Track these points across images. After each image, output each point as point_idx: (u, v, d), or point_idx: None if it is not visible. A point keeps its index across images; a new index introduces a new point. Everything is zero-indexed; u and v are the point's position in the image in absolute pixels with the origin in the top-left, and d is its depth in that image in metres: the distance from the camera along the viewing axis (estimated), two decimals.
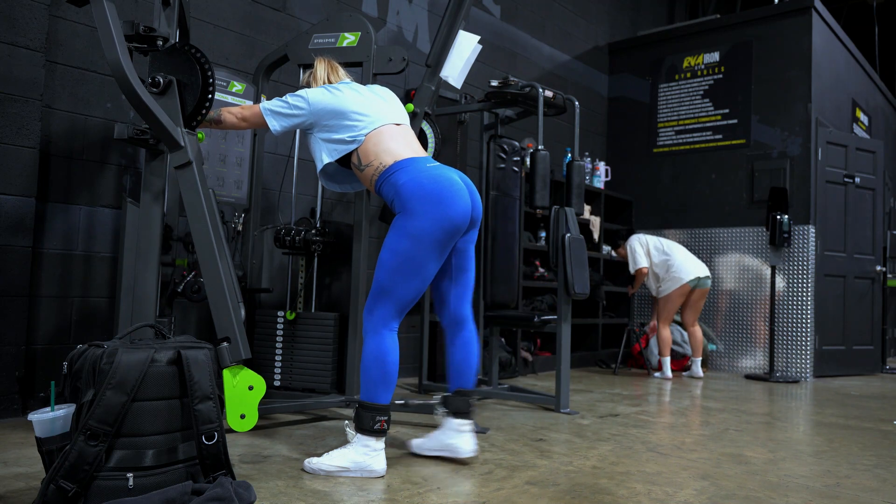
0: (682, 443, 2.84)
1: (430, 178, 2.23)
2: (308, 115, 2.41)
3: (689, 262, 5.19)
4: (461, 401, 2.40)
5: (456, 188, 2.24)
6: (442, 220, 2.19)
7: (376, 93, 2.51)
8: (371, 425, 2.19)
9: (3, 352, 2.80)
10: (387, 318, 2.26)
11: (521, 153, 4.08)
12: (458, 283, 2.44)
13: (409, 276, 2.22)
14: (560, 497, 2.01)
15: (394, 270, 2.22)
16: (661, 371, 5.21)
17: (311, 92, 2.43)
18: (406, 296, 2.25)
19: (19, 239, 2.86)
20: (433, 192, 2.20)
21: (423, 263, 2.22)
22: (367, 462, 2.17)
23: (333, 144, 2.40)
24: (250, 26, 3.83)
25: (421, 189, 2.21)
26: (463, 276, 2.44)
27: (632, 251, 5.36)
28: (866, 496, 2.14)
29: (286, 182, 3.77)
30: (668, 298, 5.20)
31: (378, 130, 2.37)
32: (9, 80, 2.83)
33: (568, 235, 3.47)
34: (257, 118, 2.44)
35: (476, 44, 3.15)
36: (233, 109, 2.45)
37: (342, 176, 2.62)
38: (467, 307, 2.46)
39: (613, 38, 6.96)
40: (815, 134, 5.62)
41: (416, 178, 2.23)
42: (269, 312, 3.35)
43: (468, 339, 2.45)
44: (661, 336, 5.19)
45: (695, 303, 5.25)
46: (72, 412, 1.66)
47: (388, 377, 2.23)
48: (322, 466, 2.18)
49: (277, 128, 2.42)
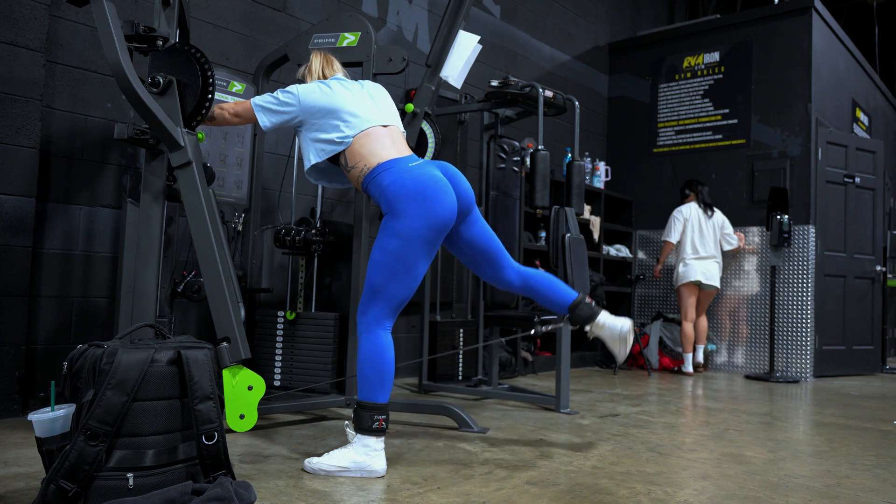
0: (682, 443, 2.84)
1: (413, 177, 2.26)
2: (297, 111, 2.42)
3: (697, 263, 5.47)
4: (584, 307, 2.51)
5: (439, 185, 2.26)
6: (429, 217, 2.22)
7: (368, 91, 2.52)
8: (370, 424, 2.19)
9: (3, 352, 2.80)
10: (380, 318, 2.27)
11: (521, 153, 4.08)
12: (493, 251, 2.50)
13: (401, 275, 2.24)
14: (560, 497, 2.01)
15: (385, 270, 2.24)
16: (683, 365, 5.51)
17: (301, 88, 2.43)
18: (398, 294, 2.26)
19: (19, 239, 2.86)
20: (417, 192, 2.23)
21: (413, 261, 2.24)
22: (367, 462, 2.17)
23: (321, 144, 2.41)
24: (250, 26, 3.83)
25: (404, 189, 2.24)
26: (493, 244, 2.51)
27: (670, 220, 5.69)
28: (866, 496, 2.14)
29: (286, 182, 3.77)
30: (680, 293, 5.54)
31: (365, 133, 2.38)
32: (9, 80, 2.83)
33: (568, 235, 3.47)
34: (248, 114, 2.45)
35: (476, 44, 3.15)
36: (225, 105, 2.46)
37: (332, 172, 2.63)
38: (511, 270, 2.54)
39: (613, 38, 6.96)
40: (815, 134, 5.62)
41: (398, 180, 2.26)
42: (269, 312, 3.35)
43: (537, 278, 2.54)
44: (684, 332, 5.47)
45: (701, 300, 5.58)
46: (72, 412, 1.66)
47: (385, 376, 2.24)
48: (322, 466, 2.18)
49: (267, 124, 2.43)
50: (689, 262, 5.49)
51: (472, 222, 2.45)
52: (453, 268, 4.63)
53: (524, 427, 3.07)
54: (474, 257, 2.50)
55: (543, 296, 2.54)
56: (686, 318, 5.47)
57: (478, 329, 4.22)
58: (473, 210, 2.45)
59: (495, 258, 2.51)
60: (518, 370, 4.93)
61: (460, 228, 2.44)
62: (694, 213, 5.57)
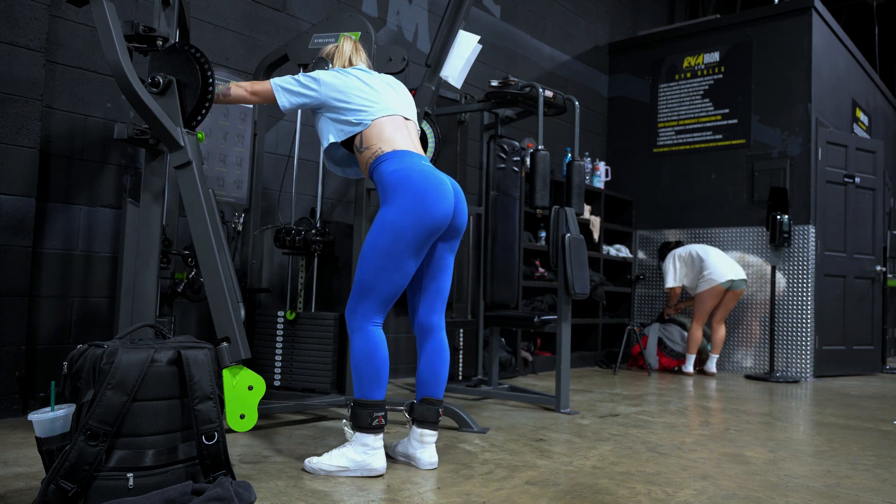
0: (682, 443, 2.84)
1: (420, 172, 2.25)
2: (318, 96, 2.38)
3: (723, 264, 5.36)
4: (426, 409, 2.35)
5: (443, 188, 2.25)
6: (422, 215, 2.20)
7: (389, 83, 2.50)
8: (368, 422, 2.19)
9: (3, 352, 2.80)
10: (370, 314, 2.26)
11: (521, 153, 4.08)
12: (428, 290, 2.40)
13: (390, 272, 2.23)
14: (560, 497, 2.01)
15: (374, 267, 2.23)
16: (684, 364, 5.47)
17: (323, 74, 2.40)
18: (387, 290, 2.25)
19: (19, 239, 2.86)
20: (418, 186, 2.21)
21: (402, 259, 2.22)
22: (366, 461, 2.17)
23: (341, 125, 2.38)
24: (250, 26, 3.83)
25: (408, 180, 2.22)
26: (433, 283, 2.40)
27: (665, 270, 5.60)
28: (866, 496, 2.14)
29: (286, 182, 3.77)
30: (701, 298, 5.39)
31: (385, 119, 2.37)
32: (9, 80, 2.83)
33: (568, 235, 3.47)
34: (267, 93, 2.40)
35: (476, 44, 3.15)
36: (243, 84, 2.42)
37: (346, 161, 2.62)
38: (436, 316, 2.42)
39: (613, 38, 6.96)
40: (815, 134, 5.62)
41: (404, 169, 2.25)
42: (269, 312, 3.35)
43: (436, 347, 2.39)
44: (692, 335, 5.41)
45: (727, 303, 5.44)
46: (72, 412, 1.66)
47: (379, 372, 2.23)
48: (322, 466, 2.18)
49: (286, 104, 2.39)
50: (714, 266, 5.30)
51: (445, 248, 2.39)
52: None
53: (524, 427, 3.07)
54: (422, 281, 2.41)
55: (419, 368, 2.41)
56: (699, 321, 5.38)
57: (478, 329, 4.22)
58: (457, 239, 2.40)
59: (425, 294, 2.41)
60: (518, 370, 4.93)
61: (438, 250, 2.38)
62: (678, 253, 5.53)
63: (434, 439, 2.33)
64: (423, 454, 2.30)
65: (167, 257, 2.89)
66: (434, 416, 2.34)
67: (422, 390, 2.39)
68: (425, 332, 2.40)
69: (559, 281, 3.50)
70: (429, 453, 2.31)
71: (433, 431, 2.33)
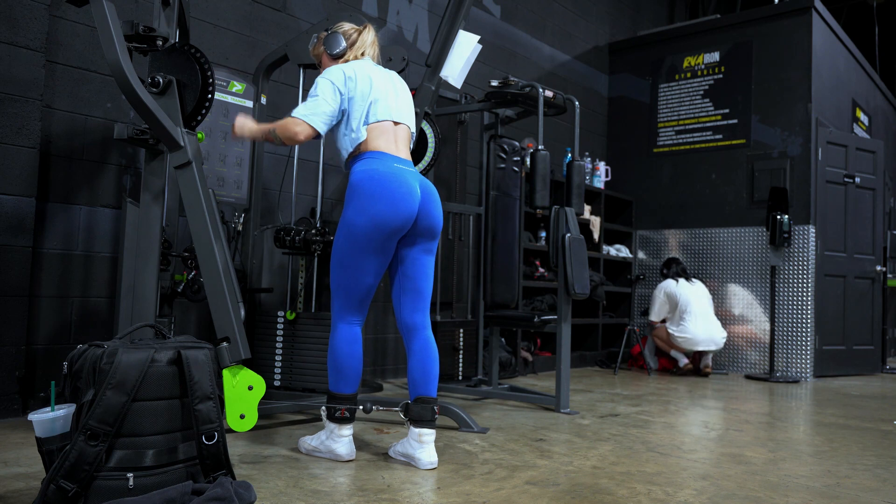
0: (682, 443, 2.84)
1: (381, 173, 2.27)
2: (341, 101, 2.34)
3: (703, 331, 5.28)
4: (421, 408, 2.36)
5: (404, 189, 2.26)
6: (374, 216, 2.24)
7: (393, 83, 2.48)
8: (333, 413, 2.36)
9: (3, 352, 2.80)
10: (341, 312, 2.37)
11: (521, 153, 4.08)
12: (407, 291, 2.43)
13: (353, 270, 2.32)
14: (560, 497, 2.01)
15: (337, 265, 2.34)
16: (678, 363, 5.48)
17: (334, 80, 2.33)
18: (354, 289, 2.34)
19: (19, 239, 2.86)
20: (374, 188, 2.24)
21: (360, 258, 2.30)
22: (332, 446, 2.36)
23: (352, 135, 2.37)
24: (250, 26, 3.83)
25: (367, 181, 2.26)
26: (410, 283, 2.42)
27: (652, 299, 5.59)
28: (866, 496, 2.14)
29: (286, 182, 3.77)
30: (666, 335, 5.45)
31: (378, 125, 2.37)
32: (9, 80, 2.83)
33: (568, 235, 3.47)
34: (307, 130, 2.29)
35: (476, 44, 3.15)
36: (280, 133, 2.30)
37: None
38: (419, 315, 2.44)
39: (613, 38, 6.96)
40: (815, 134, 5.62)
41: (367, 171, 2.28)
42: (269, 312, 3.35)
43: (422, 346, 2.42)
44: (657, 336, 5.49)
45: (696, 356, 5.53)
46: (72, 412, 1.66)
47: (343, 368, 2.36)
48: (303, 445, 2.45)
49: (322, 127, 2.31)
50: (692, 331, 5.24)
51: (417, 250, 2.40)
52: (453, 268, 4.63)
53: (524, 427, 3.07)
54: (400, 281, 2.43)
55: (409, 368, 2.43)
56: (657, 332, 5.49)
57: (478, 329, 4.22)
58: (430, 241, 2.41)
59: (406, 294, 2.43)
60: (518, 370, 4.93)
61: (412, 251, 2.40)
62: (669, 289, 5.47)
63: (432, 438, 2.34)
64: (422, 454, 2.31)
65: (167, 259, 2.89)
66: (430, 414, 2.36)
67: (415, 390, 2.41)
68: (410, 331, 2.45)
69: (559, 281, 3.50)
70: (428, 453, 2.31)
71: (431, 430, 2.34)
